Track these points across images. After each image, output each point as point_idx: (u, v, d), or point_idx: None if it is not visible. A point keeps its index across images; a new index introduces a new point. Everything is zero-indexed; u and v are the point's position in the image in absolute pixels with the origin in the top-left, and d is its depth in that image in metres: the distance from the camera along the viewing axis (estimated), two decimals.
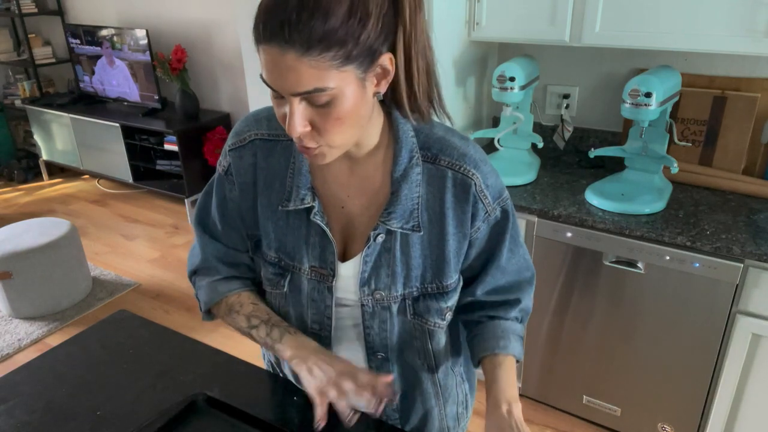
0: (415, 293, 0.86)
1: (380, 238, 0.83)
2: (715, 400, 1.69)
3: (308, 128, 0.69)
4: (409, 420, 1.00)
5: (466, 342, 1.00)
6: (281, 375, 1.04)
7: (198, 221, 0.95)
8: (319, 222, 0.83)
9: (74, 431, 0.92)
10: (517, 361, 0.90)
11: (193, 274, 0.98)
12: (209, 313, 0.98)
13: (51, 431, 0.92)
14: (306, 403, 0.97)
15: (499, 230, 0.87)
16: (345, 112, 0.68)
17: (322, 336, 0.91)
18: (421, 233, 0.83)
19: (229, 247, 0.94)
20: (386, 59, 0.69)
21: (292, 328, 0.90)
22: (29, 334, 2.66)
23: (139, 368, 1.05)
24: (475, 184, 0.81)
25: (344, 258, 0.86)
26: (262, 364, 1.11)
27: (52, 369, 1.06)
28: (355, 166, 0.83)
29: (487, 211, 0.84)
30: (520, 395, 1.87)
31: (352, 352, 0.93)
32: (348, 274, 0.86)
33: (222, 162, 0.89)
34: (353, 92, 0.68)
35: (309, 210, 0.83)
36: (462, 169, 0.81)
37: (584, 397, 1.97)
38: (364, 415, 0.96)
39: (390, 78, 0.71)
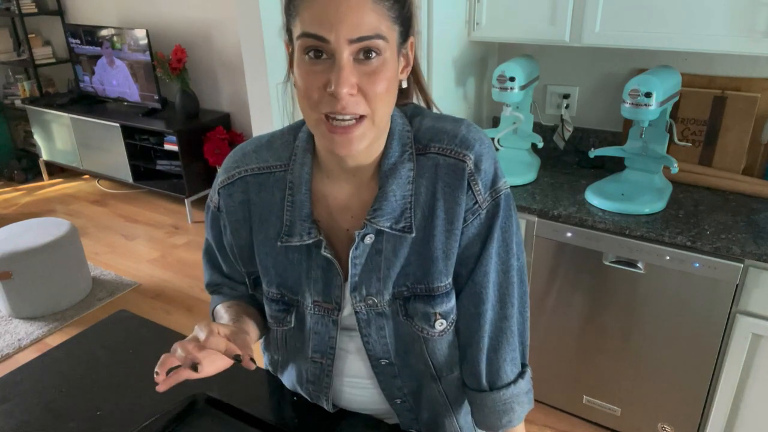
0: (405, 293, 0.81)
1: (369, 239, 0.77)
2: (715, 400, 1.69)
3: (355, 90, 0.66)
4: (417, 422, 0.96)
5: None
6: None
7: (203, 250, 0.97)
8: (328, 255, 0.78)
9: (74, 431, 0.92)
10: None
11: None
12: None
13: (51, 431, 0.92)
14: (305, 404, 0.97)
15: (490, 225, 0.79)
16: (390, 77, 0.68)
17: (324, 364, 0.88)
18: (413, 234, 0.77)
19: (230, 278, 0.95)
20: (410, 44, 0.73)
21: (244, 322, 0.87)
22: (29, 334, 2.66)
23: (139, 368, 1.05)
24: (468, 165, 0.75)
25: None
26: (262, 364, 1.11)
27: (52, 369, 1.06)
28: (360, 186, 0.79)
29: (476, 201, 0.76)
30: None
31: (355, 364, 0.90)
32: None
33: (213, 198, 0.86)
34: (394, 61, 0.69)
35: (313, 244, 0.79)
36: (453, 152, 0.75)
37: (584, 397, 1.97)
38: (361, 415, 0.96)
39: (410, 69, 0.75)
